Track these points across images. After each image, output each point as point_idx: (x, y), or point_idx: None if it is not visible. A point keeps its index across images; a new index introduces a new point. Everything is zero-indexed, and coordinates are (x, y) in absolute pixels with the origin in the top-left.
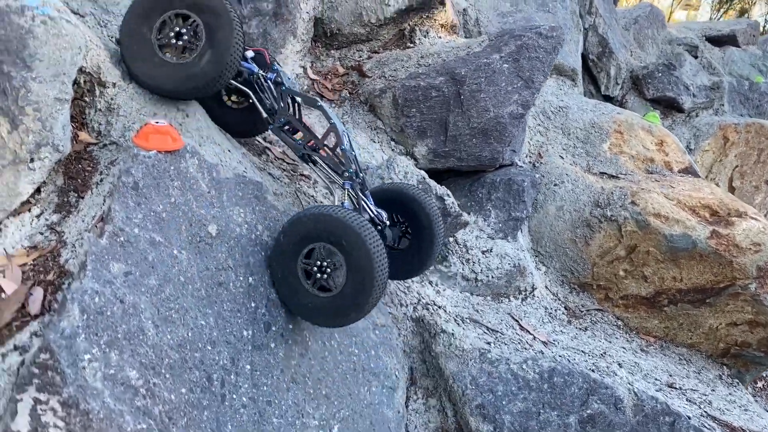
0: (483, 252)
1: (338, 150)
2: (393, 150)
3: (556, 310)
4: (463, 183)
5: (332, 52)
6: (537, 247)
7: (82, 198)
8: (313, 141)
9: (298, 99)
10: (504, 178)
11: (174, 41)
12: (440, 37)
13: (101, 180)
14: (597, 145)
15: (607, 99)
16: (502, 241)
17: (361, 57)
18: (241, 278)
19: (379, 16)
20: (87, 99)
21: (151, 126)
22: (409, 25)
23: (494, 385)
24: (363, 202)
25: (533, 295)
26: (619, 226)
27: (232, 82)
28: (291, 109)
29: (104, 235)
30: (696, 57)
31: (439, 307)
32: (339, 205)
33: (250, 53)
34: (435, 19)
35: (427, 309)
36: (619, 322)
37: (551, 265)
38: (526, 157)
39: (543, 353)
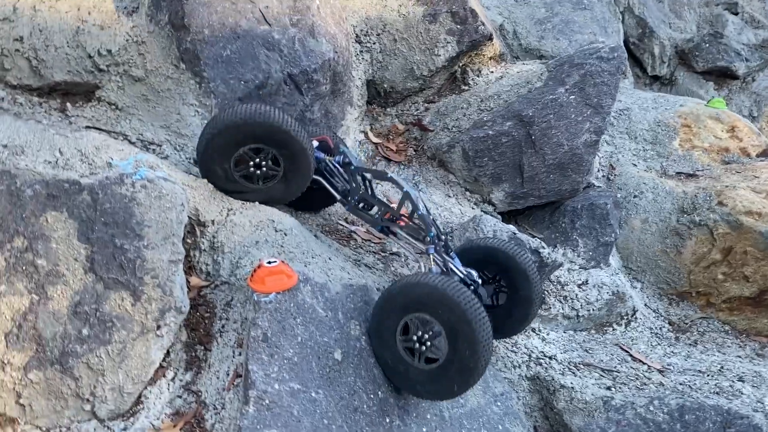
0: (579, 285)
1: (415, 216)
2: (469, 200)
3: (661, 328)
4: (542, 215)
5: (388, 110)
6: (627, 263)
7: (209, 351)
8: (389, 213)
9: (368, 175)
10: (585, 203)
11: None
12: (492, 71)
13: (223, 327)
14: (667, 144)
15: (655, 79)
16: (595, 270)
17: (418, 110)
18: (372, 395)
19: (430, 67)
20: (189, 241)
21: (265, 268)
22: (459, 66)
23: None
24: (450, 265)
25: (635, 318)
26: (710, 230)
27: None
28: (363, 185)
29: (250, 402)
30: (736, 14)
31: (550, 358)
32: (425, 271)
33: (314, 143)
34: (484, 54)
35: (540, 364)
36: (727, 327)
37: (645, 279)
38: (599, 171)
39: (664, 386)
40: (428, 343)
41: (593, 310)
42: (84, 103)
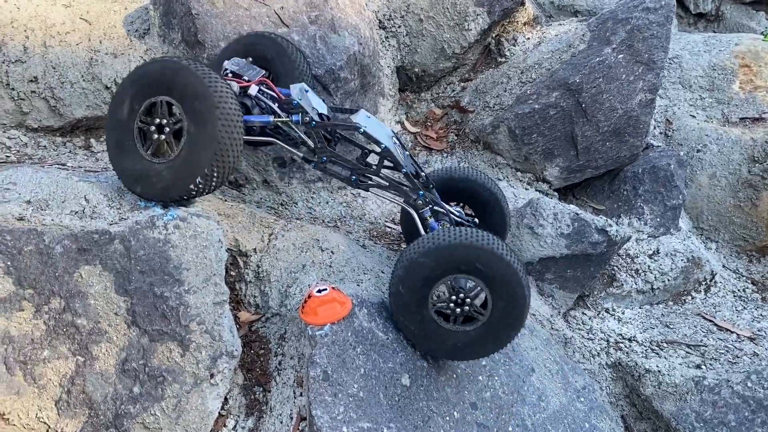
0: (650, 256)
1: (401, 174)
2: (521, 181)
3: (744, 290)
4: (601, 184)
5: (423, 94)
6: (698, 224)
7: (269, 392)
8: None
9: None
10: (646, 166)
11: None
12: (528, 38)
13: (280, 364)
14: (726, 89)
15: (700, 16)
16: (665, 237)
17: (454, 90)
18: (447, 417)
19: (462, 44)
20: (233, 273)
21: (316, 298)
22: (492, 38)
23: (724, 415)
24: (441, 208)
25: (715, 282)
26: None
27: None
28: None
29: None
30: None
31: (630, 340)
32: (448, 228)
33: (253, 89)
34: (517, 21)
35: (620, 348)
36: None
37: (720, 238)
38: (655, 128)
39: (759, 356)
40: (467, 302)
41: (668, 280)
42: None
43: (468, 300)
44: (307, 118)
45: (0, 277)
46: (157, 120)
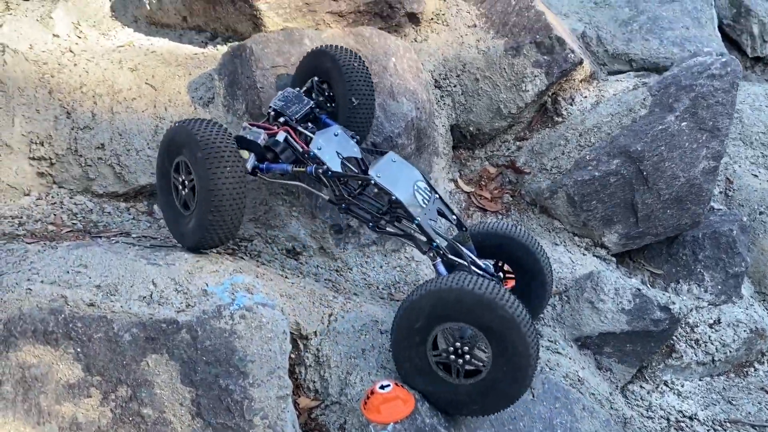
0: (710, 326)
1: (414, 224)
2: (578, 246)
3: None
4: (659, 247)
5: (476, 152)
6: (761, 288)
7: None
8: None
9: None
10: (707, 231)
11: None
12: (585, 97)
13: None
14: None
15: (757, 60)
16: (727, 306)
17: (509, 149)
18: None
19: (518, 104)
20: (293, 355)
21: (379, 395)
22: (549, 96)
23: None
24: (467, 257)
25: None
26: None
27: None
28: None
29: None
30: None
31: (691, 419)
32: (464, 273)
33: (281, 136)
34: (574, 79)
35: (681, 429)
36: None
37: None
38: (715, 187)
39: None
40: (467, 356)
41: (730, 351)
42: None
43: (467, 349)
44: (321, 169)
45: (70, 363)
46: (181, 177)
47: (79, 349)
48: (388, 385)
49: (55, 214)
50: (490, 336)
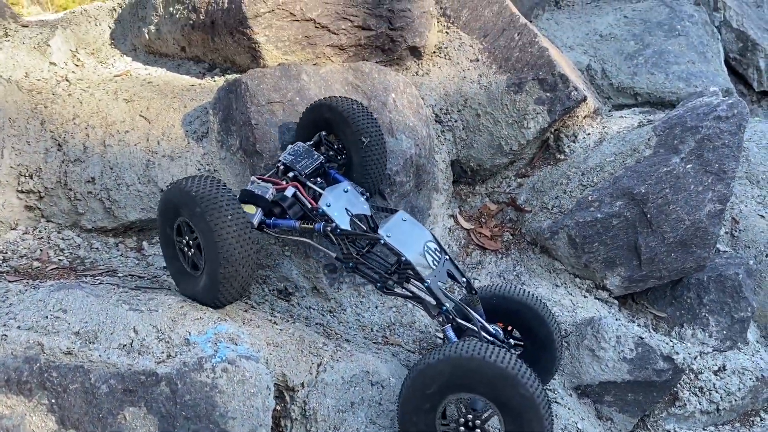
0: (715, 373)
1: (424, 287)
2: (579, 288)
3: None
4: (663, 289)
5: (477, 188)
6: (767, 333)
7: None
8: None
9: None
10: (712, 275)
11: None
12: (588, 134)
13: None
14: None
15: (764, 94)
16: (732, 352)
17: (510, 186)
18: None
19: (520, 141)
20: (279, 408)
21: None
22: (551, 133)
23: None
24: (477, 323)
25: None
26: None
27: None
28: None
29: None
30: None
31: None
32: (482, 343)
33: (289, 192)
34: (577, 116)
35: None
36: None
37: None
38: (721, 228)
39: None
40: (477, 430)
41: (735, 400)
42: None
43: (478, 423)
44: (330, 227)
45: (44, 414)
46: (185, 239)
47: (53, 400)
48: None
49: (41, 250)
50: (505, 413)
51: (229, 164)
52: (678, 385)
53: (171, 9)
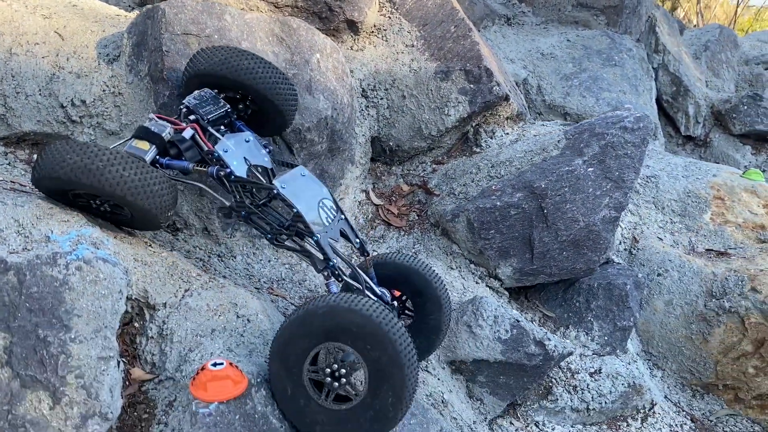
0: (591, 374)
1: (312, 240)
2: (473, 273)
3: (682, 425)
4: (555, 290)
5: (393, 168)
6: (648, 348)
7: None
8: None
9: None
10: (603, 282)
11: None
12: (507, 133)
13: None
14: (697, 217)
15: (689, 139)
16: (610, 357)
17: (425, 170)
18: None
19: (439, 127)
20: (137, 325)
21: (209, 372)
22: (472, 126)
23: None
24: (363, 282)
25: (653, 413)
26: (741, 318)
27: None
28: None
29: None
30: None
31: None
32: (344, 293)
33: (187, 133)
34: (500, 115)
35: None
36: (757, 428)
37: (667, 367)
38: (620, 243)
39: None
40: (342, 375)
41: (606, 402)
42: None
43: (343, 372)
44: (223, 172)
45: None
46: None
47: None
48: (222, 363)
49: None
50: (370, 368)
51: (135, 89)
52: (553, 381)
53: None
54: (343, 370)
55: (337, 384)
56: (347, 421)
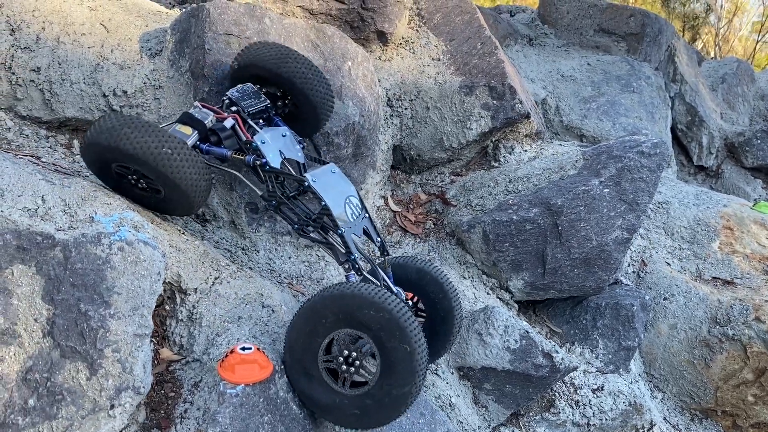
0: (593, 391)
1: (337, 234)
2: (485, 284)
3: None
4: (563, 307)
5: (413, 177)
6: (650, 370)
7: None
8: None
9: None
10: (610, 302)
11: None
12: (525, 150)
13: (186, 412)
14: (705, 245)
15: (701, 169)
16: (613, 375)
17: (443, 181)
18: None
19: (460, 140)
20: (168, 308)
21: (237, 355)
22: (491, 141)
23: None
24: (381, 279)
25: None
26: (744, 346)
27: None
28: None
29: None
30: None
31: None
32: (357, 281)
33: (228, 122)
34: (519, 132)
35: None
36: None
37: (667, 389)
38: (629, 266)
39: None
40: (356, 362)
41: (606, 420)
42: None
43: (356, 355)
44: (259, 162)
45: None
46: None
47: None
48: (250, 348)
49: None
50: (383, 356)
51: (175, 83)
52: (557, 394)
53: None
54: (356, 354)
55: (352, 369)
56: (365, 403)
